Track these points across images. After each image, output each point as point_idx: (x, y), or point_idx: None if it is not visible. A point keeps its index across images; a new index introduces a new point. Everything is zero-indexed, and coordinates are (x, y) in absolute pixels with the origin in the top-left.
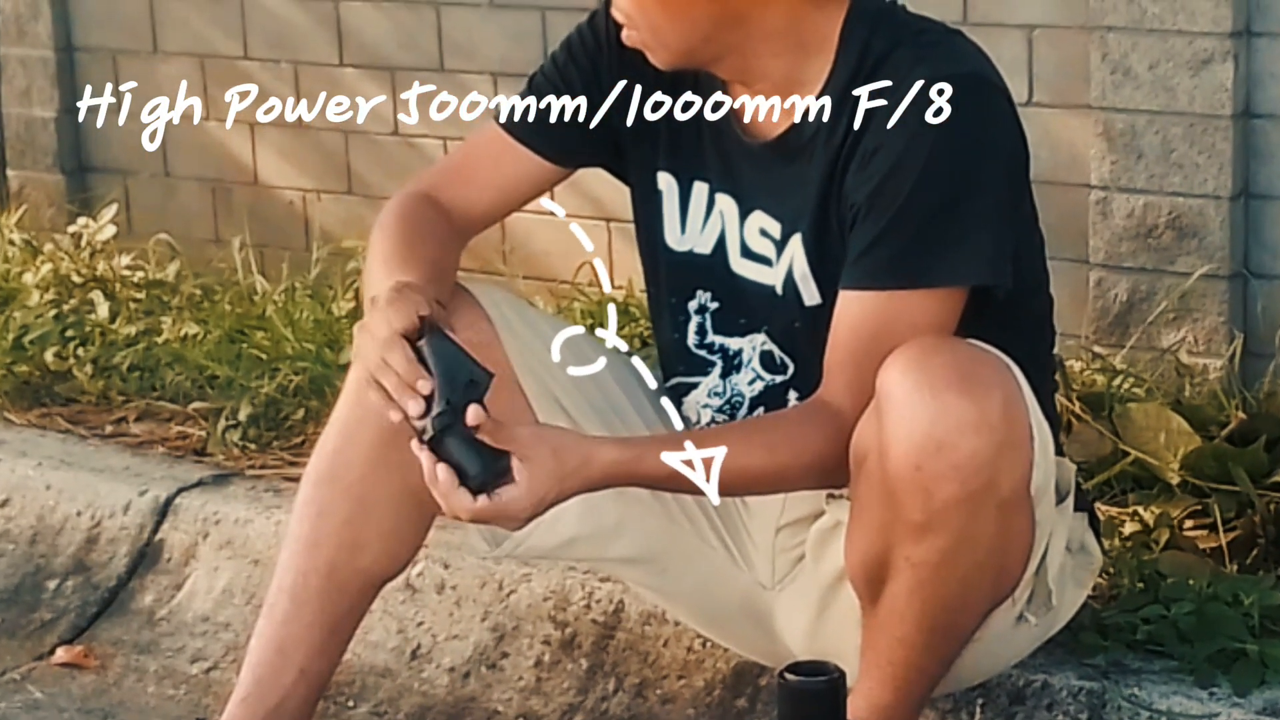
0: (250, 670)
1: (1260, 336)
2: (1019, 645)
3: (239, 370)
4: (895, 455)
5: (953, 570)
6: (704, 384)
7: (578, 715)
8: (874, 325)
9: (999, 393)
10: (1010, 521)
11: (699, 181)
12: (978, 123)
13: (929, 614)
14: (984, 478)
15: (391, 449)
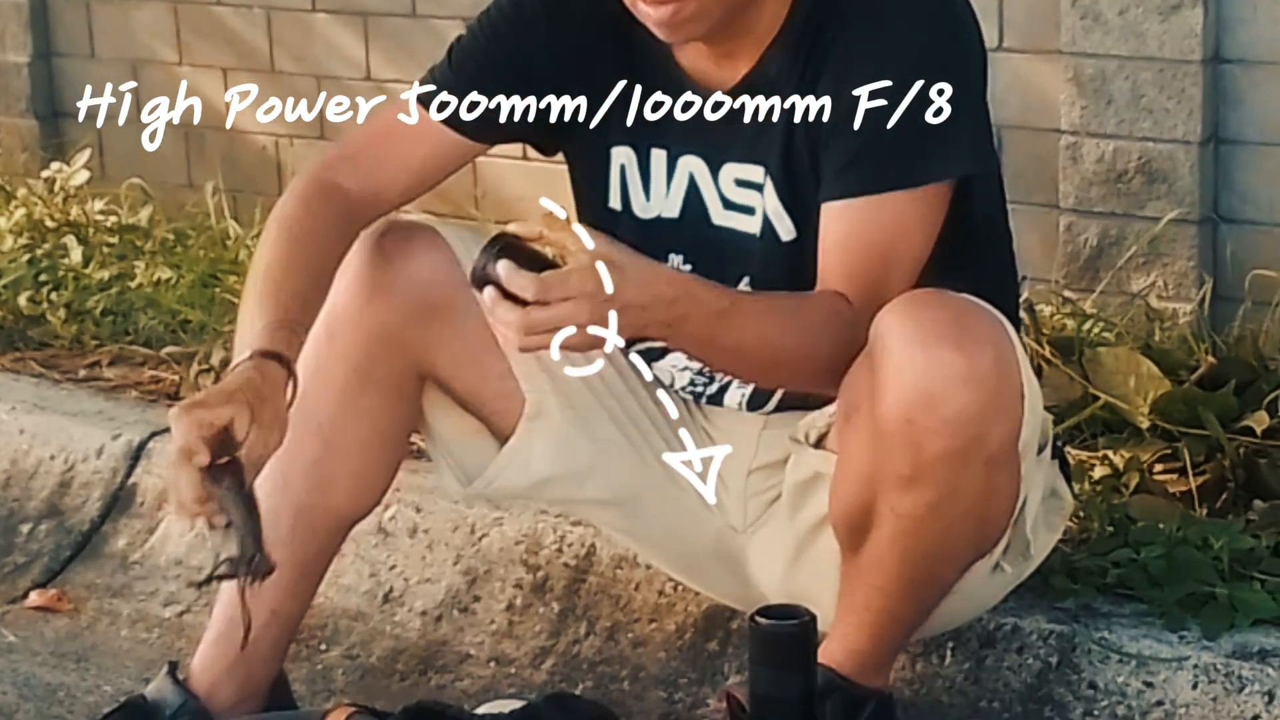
0: (221, 610)
1: (1229, 281)
2: (992, 592)
3: (212, 315)
4: (886, 407)
5: (937, 523)
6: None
7: (549, 658)
8: (865, 234)
9: (992, 348)
10: (997, 477)
11: (656, 149)
12: (943, 17)
13: (910, 564)
14: (974, 433)
15: (360, 389)
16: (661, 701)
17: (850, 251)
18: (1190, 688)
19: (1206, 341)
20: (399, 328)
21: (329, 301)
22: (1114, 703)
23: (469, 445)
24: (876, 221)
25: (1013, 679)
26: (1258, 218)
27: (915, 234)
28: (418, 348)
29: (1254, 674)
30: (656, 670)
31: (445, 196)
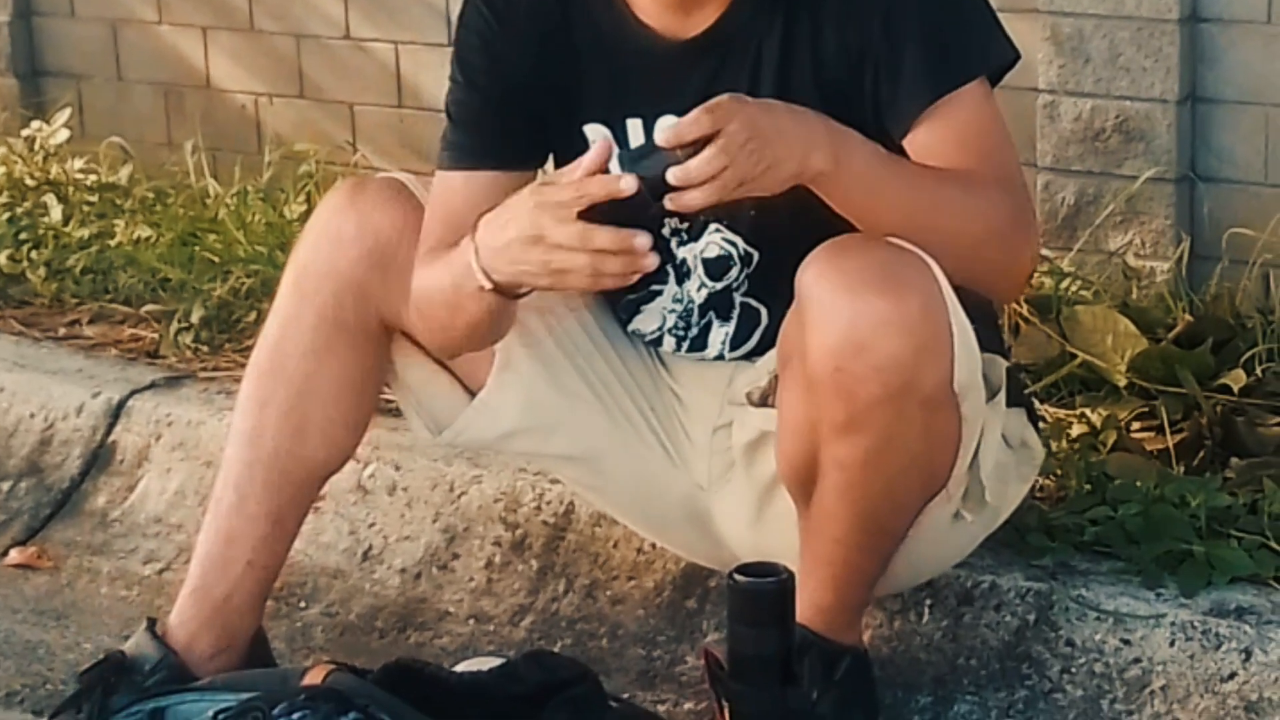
0: (198, 563)
1: (1206, 239)
2: (959, 544)
3: (191, 273)
4: (816, 357)
5: (880, 469)
6: (667, 292)
7: (528, 616)
8: (956, 135)
9: (918, 292)
10: (935, 419)
11: (631, 119)
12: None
13: (860, 513)
14: (905, 377)
15: (329, 337)
16: (640, 659)
17: (959, 152)
18: (1167, 645)
19: (1184, 300)
20: (364, 278)
21: (297, 253)
22: (1091, 660)
23: (438, 395)
24: (961, 119)
25: (990, 636)
26: (1235, 176)
27: (998, 124)
28: (382, 297)
29: (1231, 631)
30: (635, 628)
31: (425, 155)
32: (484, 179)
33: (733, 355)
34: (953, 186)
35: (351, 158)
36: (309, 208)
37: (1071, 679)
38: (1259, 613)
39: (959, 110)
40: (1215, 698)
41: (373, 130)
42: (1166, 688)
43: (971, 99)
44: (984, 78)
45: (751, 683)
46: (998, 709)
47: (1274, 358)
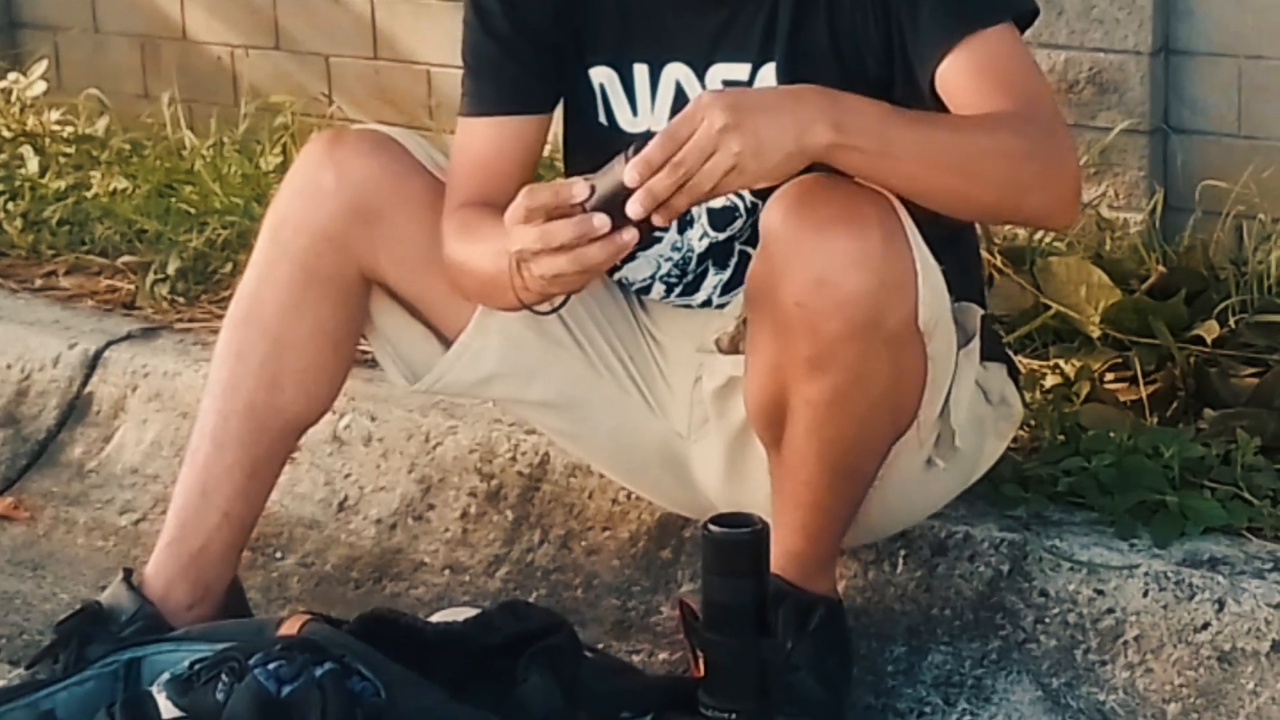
0: (174, 515)
1: (1180, 191)
2: (932, 493)
3: (167, 224)
4: (780, 294)
5: (847, 407)
6: (666, 240)
7: (503, 566)
8: (993, 62)
9: (879, 229)
10: (901, 357)
11: (638, 64)
12: None
13: (829, 453)
14: (869, 313)
15: (306, 288)
16: (615, 609)
17: (986, 85)
18: (1141, 595)
19: (1157, 251)
20: (343, 230)
21: (275, 206)
22: (1065, 610)
23: (415, 346)
24: (993, 53)
25: (964, 587)
26: (1208, 128)
27: (1026, 58)
28: (362, 249)
29: (1204, 582)
30: (610, 578)
31: (400, 107)
32: (506, 124)
33: (721, 300)
34: (973, 129)
35: (327, 110)
36: (285, 159)
37: (1045, 629)
38: (1232, 563)
39: (984, 48)
40: (1188, 648)
41: (348, 82)
42: (1140, 638)
43: (997, 38)
44: (1009, 22)
45: (726, 633)
46: (971, 659)
47: (1247, 309)
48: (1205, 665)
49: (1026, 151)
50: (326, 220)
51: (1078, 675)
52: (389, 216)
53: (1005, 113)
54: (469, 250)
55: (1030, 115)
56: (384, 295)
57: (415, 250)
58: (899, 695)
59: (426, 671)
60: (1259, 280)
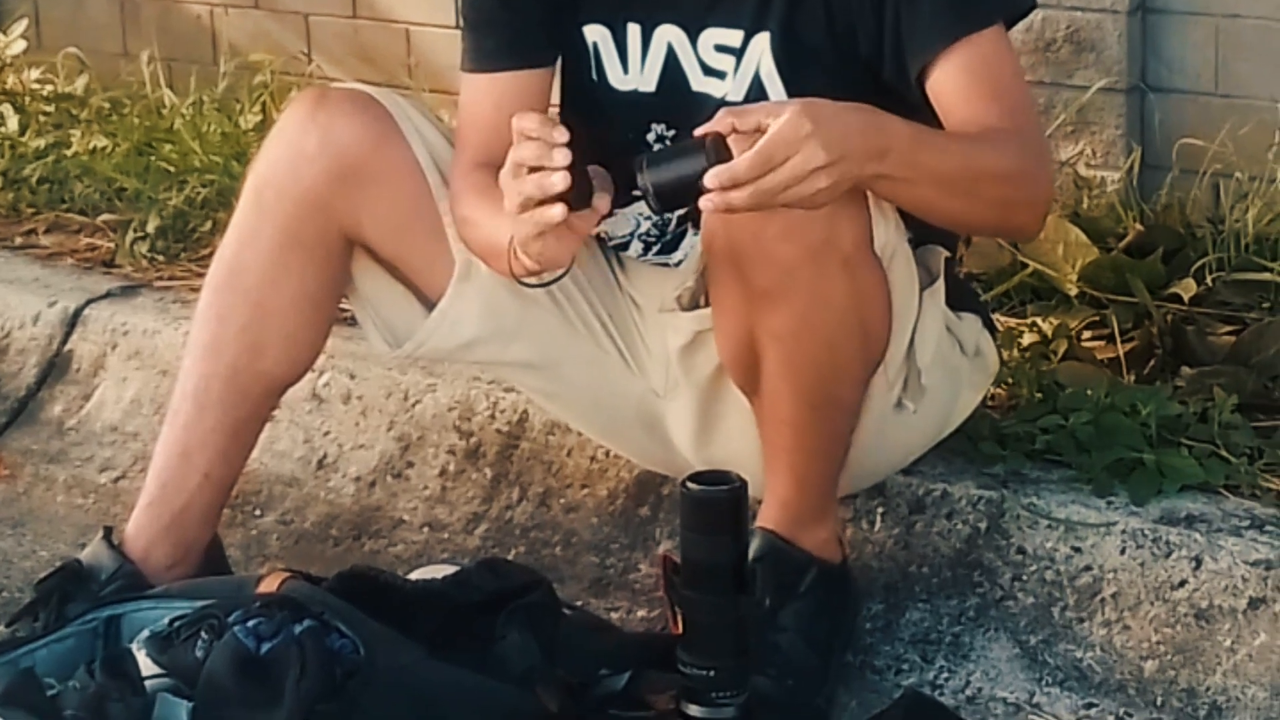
0: (155, 475)
1: (1157, 149)
2: (906, 440)
3: (147, 183)
4: (734, 229)
5: (814, 335)
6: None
7: (482, 524)
8: (984, 68)
9: None
10: (859, 279)
11: (632, 23)
12: None
13: (803, 385)
14: (821, 235)
15: (290, 253)
16: (593, 566)
17: (979, 87)
18: (1118, 553)
19: (1134, 209)
20: (325, 192)
21: (256, 167)
22: (1042, 568)
23: (397, 308)
24: (986, 57)
25: (941, 544)
26: (1185, 86)
27: (1016, 66)
28: (344, 212)
29: (1181, 539)
30: (588, 535)
31: (379, 66)
32: (507, 80)
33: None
34: (981, 153)
35: (306, 68)
36: (264, 118)
37: (1022, 586)
38: (1209, 520)
39: (978, 51)
40: (1165, 605)
41: (328, 41)
42: (1117, 595)
43: (990, 41)
44: (1001, 23)
45: (704, 590)
46: (949, 616)
47: (1224, 267)
48: (1182, 622)
49: (1022, 173)
50: (310, 184)
51: (1055, 632)
52: (372, 179)
53: (1003, 132)
54: (479, 218)
55: (1022, 134)
56: (366, 257)
57: (397, 212)
58: (876, 652)
59: (405, 629)
60: (1236, 238)
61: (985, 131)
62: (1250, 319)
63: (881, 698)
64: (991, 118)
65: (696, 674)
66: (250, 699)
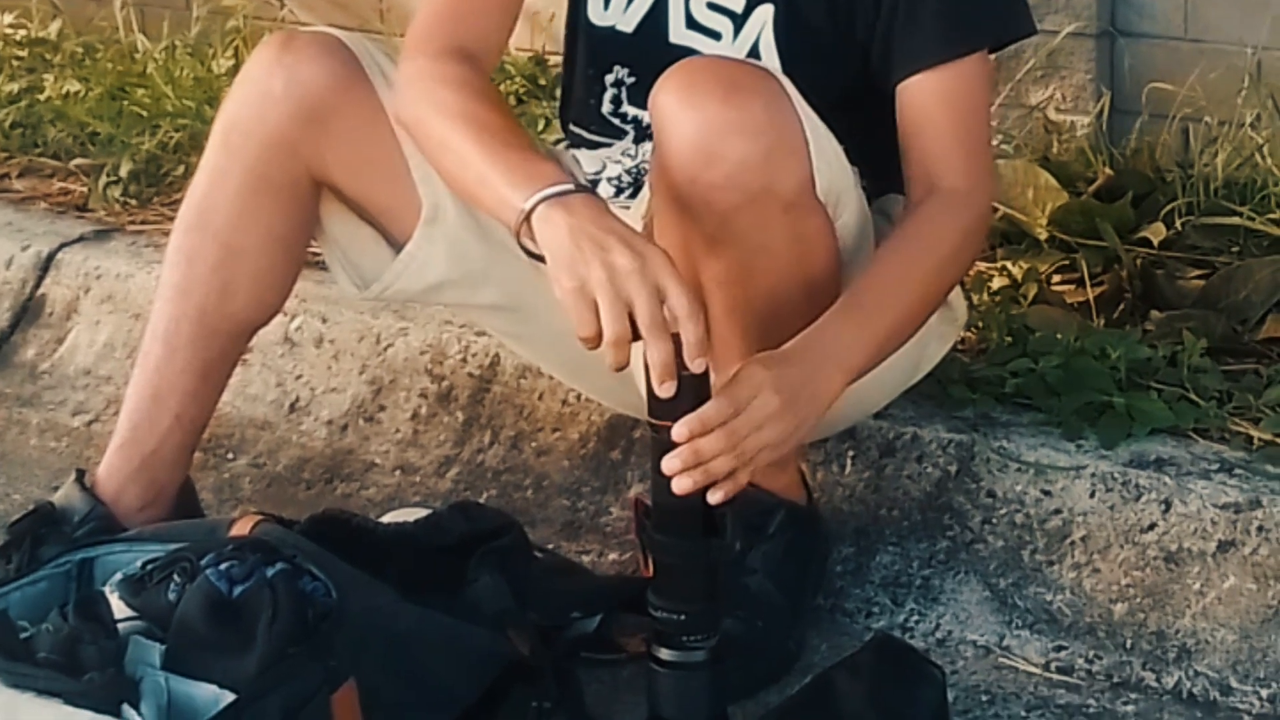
0: (127, 417)
1: (1127, 94)
2: (870, 390)
3: (120, 127)
4: (673, 173)
5: (756, 280)
6: (617, 145)
7: (454, 467)
8: (958, 100)
9: (761, 97)
10: (802, 224)
11: None
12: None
13: (749, 334)
14: (760, 181)
15: (258, 194)
16: (565, 509)
17: (952, 118)
18: (1088, 496)
19: (1104, 154)
20: (292, 134)
21: (225, 109)
22: (1012, 511)
23: (365, 250)
24: (963, 85)
25: (912, 487)
26: (1154, 31)
27: (988, 98)
28: (311, 154)
29: (1151, 483)
30: (560, 479)
31: (351, 11)
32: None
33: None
34: (934, 272)
35: (279, 13)
36: (237, 63)
37: (992, 529)
38: (1178, 464)
39: (960, 77)
40: (1135, 548)
41: None
42: (1087, 538)
43: (975, 68)
44: (989, 47)
45: (673, 534)
46: (919, 559)
47: (1193, 211)
48: (1152, 565)
49: (964, 246)
50: (277, 125)
51: (1025, 575)
52: (338, 120)
53: (946, 205)
54: (450, 135)
55: (968, 194)
56: (333, 199)
57: (363, 154)
58: (847, 595)
59: (377, 572)
60: (1205, 183)
61: (928, 219)
62: (1219, 263)
63: (852, 641)
64: (947, 160)
65: (667, 617)
66: (222, 642)
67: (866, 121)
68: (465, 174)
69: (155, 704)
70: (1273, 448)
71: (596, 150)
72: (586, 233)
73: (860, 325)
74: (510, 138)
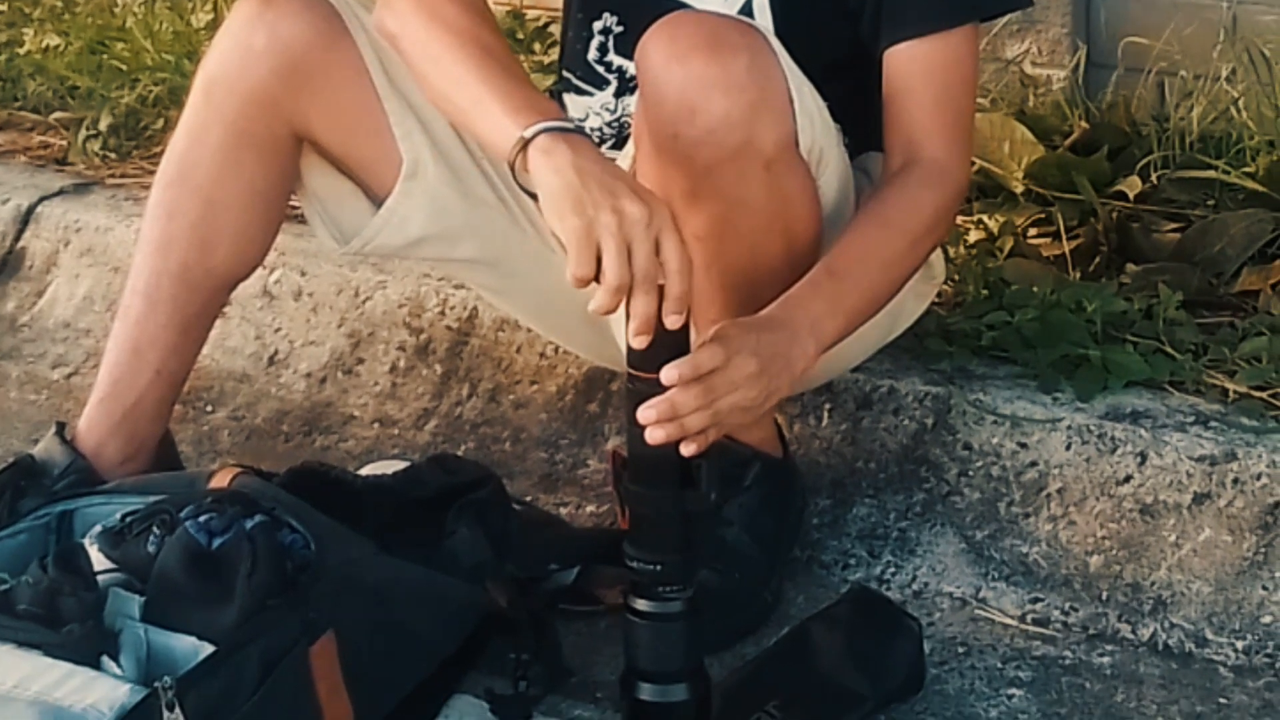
0: (107, 371)
1: (1102, 48)
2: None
3: (99, 81)
4: (655, 128)
5: (736, 237)
6: (598, 97)
7: (432, 420)
8: (944, 71)
9: (745, 54)
10: (783, 182)
11: None
12: None
13: (729, 287)
14: (741, 136)
15: (239, 149)
16: (543, 462)
17: (934, 88)
18: (1064, 449)
19: (1080, 108)
20: (274, 90)
21: (205, 64)
22: (989, 464)
23: (345, 205)
24: (950, 56)
25: (889, 440)
26: None
27: (974, 72)
28: (292, 109)
29: (1126, 435)
30: (538, 431)
31: None
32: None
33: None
34: (900, 238)
35: None
36: (216, 17)
37: (969, 482)
38: (1154, 416)
39: (947, 48)
40: (1111, 500)
41: None
42: (1063, 490)
43: (963, 40)
44: (978, 20)
45: (649, 485)
46: (896, 511)
47: (1169, 165)
48: (1127, 518)
49: (942, 221)
50: (258, 81)
51: (1001, 528)
52: (320, 76)
53: (921, 177)
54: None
55: (944, 164)
56: (314, 154)
57: (344, 110)
58: (824, 548)
59: (356, 524)
60: (1180, 137)
61: (906, 192)
62: (1195, 216)
63: (829, 592)
64: (928, 130)
65: (643, 568)
66: (202, 593)
67: (854, 84)
68: (458, 93)
69: (134, 655)
70: (1248, 400)
71: (580, 98)
72: (594, 175)
73: (835, 297)
74: (512, 64)
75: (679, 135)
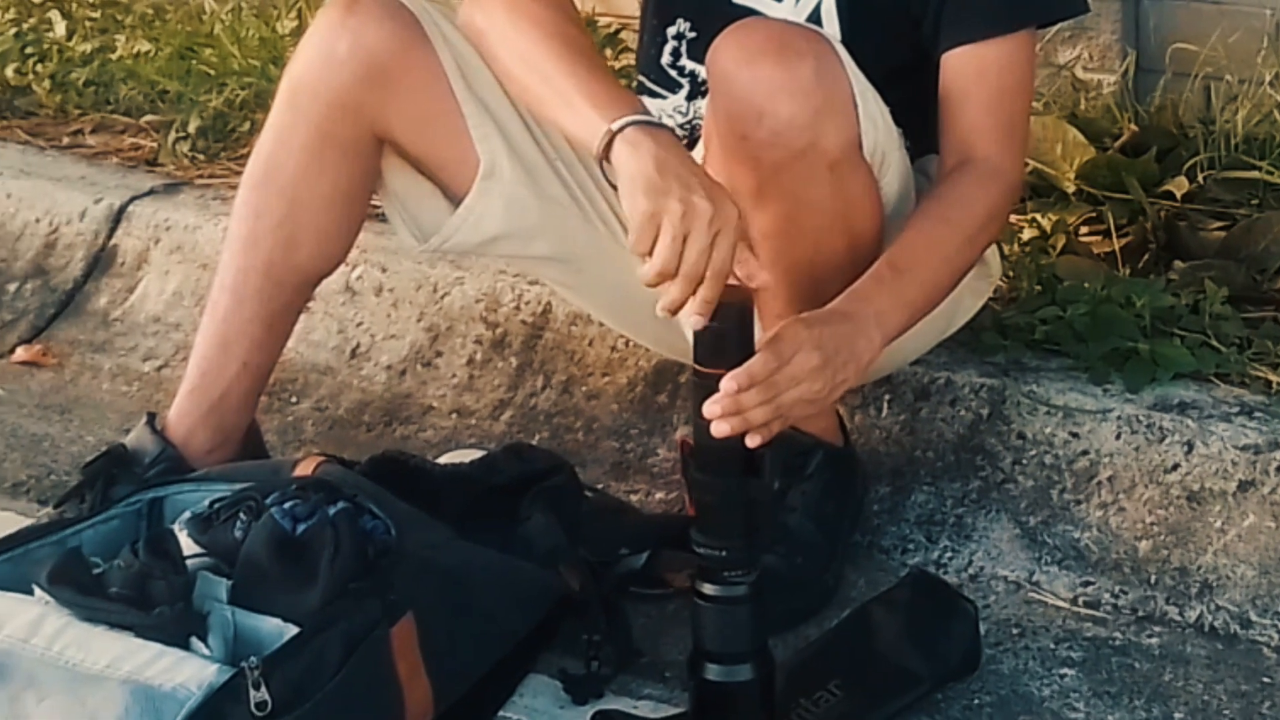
0: (196, 364)
1: (1151, 54)
2: (907, 344)
3: (188, 85)
4: (724, 130)
5: (801, 236)
6: (671, 100)
7: (507, 410)
8: (998, 74)
9: (811, 58)
10: (846, 183)
11: None
12: None
13: (793, 285)
14: (806, 138)
15: (323, 151)
16: (614, 451)
17: (990, 92)
18: (1114, 438)
19: (1129, 111)
20: (356, 94)
21: (291, 69)
22: (1041, 452)
23: (424, 204)
24: (1006, 60)
25: (946, 430)
26: None
27: (1030, 77)
28: (374, 113)
29: (1174, 425)
30: (609, 421)
31: None
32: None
33: None
34: (966, 236)
35: None
36: (300, 23)
37: (1023, 470)
38: (1200, 407)
39: (1005, 53)
40: (1159, 488)
41: None
42: (1113, 478)
43: (1020, 45)
44: (1036, 25)
45: (714, 473)
46: (952, 498)
47: (1214, 165)
48: (1175, 504)
49: (996, 217)
50: (341, 86)
51: (1053, 514)
52: (400, 80)
53: (977, 176)
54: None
55: (999, 165)
56: (395, 155)
57: (424, 113)
58: (884, 533)
59: (434, 511)
60: (1226, 138)
61: (961, 190)
62: (1240, 215)
63: (888, 576)
64: (983, 132)
65: (710, 554)
66: (286, 577)
67: (916, 89)
68: (545, 89)
69: (222, 637)
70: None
71: (654, 100)
72: (672, 166)
73: (899, 291)
74: (597, 60)
75: (747, 137)
